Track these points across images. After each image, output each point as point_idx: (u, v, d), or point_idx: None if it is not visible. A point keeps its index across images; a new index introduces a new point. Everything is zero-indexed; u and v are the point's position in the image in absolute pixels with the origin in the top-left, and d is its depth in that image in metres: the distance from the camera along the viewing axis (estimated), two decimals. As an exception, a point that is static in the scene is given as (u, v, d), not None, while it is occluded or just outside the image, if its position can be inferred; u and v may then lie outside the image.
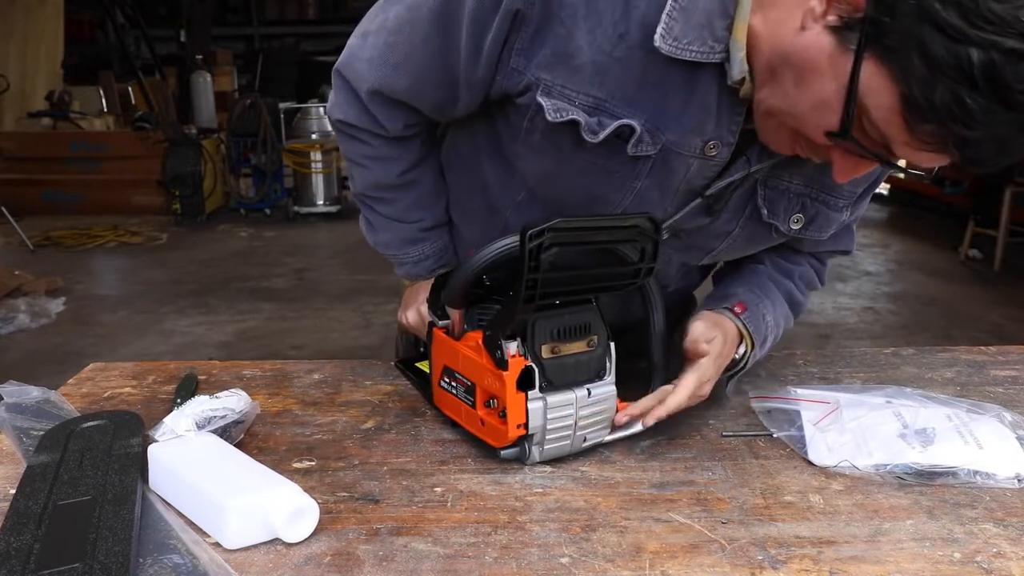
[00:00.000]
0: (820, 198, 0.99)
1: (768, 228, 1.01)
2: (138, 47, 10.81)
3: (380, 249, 1.18)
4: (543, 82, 0.89)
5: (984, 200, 5.48)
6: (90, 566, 0.68)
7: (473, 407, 0.92)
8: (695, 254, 1.07)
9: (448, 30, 0.93)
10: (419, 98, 1.02)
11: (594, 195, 0.97)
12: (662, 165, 0.92)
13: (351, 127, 1.07)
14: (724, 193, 0.96)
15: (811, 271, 1.18)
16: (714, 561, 0.73)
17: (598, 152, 0.92)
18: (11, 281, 4.80)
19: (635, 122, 0.88)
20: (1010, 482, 0.85)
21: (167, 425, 0.92)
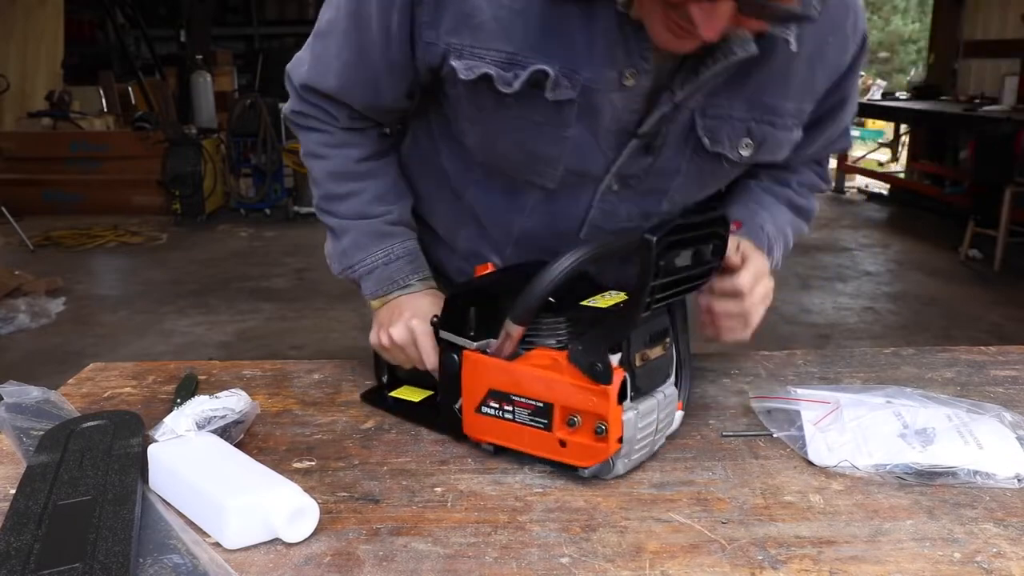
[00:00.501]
0: (765, 120, 0.99)
1: (717, 159, 1.01)
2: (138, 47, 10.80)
3: (341, 266, 1.12)
4: (453, 47, 0.93)
5: (984, 200, 5.48)
6: (90, 566, 0.68)
7: (546, 429, 0.86)
8: (652, 200, 1.06)
9: (361, 25, 0.98)
10: (349, 95, 1.05)
11: (531, 152, 0.99)
12: (587, 107, 0.94)
13: (305, 116, 1.10)
14: (658, 129, 0.97)
15: (810, 174, 1.18)
16: (714, 561, 0.73)
17: (521, 106, 0.94)
18: (11, 281, 4.79)
19: (548, 67, 0.91)
20: (1010, 482, 0.85)
21: (167, 425, 0.92)
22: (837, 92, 1.04)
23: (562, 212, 1.06)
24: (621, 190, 1.03)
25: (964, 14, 7.65)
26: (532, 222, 1.08)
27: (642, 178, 1.02)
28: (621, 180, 1.02)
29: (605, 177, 1.02)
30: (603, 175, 1.02)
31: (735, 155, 1.01)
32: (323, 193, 1.12)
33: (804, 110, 1.02)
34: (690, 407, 1.04)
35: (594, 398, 0.83)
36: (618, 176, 1.01)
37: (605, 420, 0.83)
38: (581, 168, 1.01)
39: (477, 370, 0.91)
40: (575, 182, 1.03)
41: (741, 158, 1.01)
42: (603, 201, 1.04)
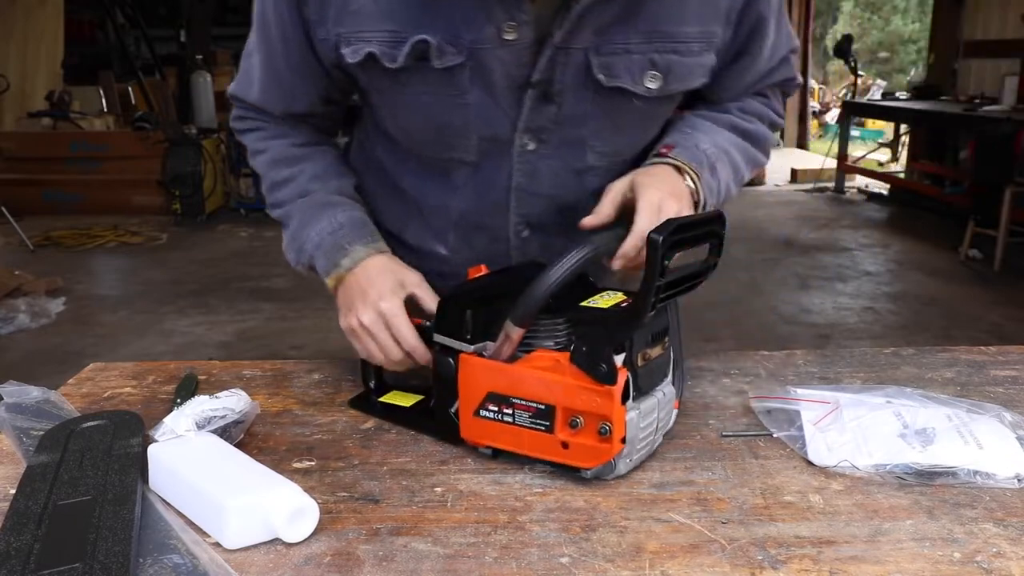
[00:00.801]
0: (668, 49, 0.98)
1: (622, 94, 0.99)
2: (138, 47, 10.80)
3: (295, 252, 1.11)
4: (341, 36, 0.97)
5: (984, 200, 5.48)
6: (90, 566, 0.68)
7: (548, 431, 0.86)
8: (573, 153, 1.05)
9: (266, 35, 1.04)
10: (270, 105, 1.11)
11: (439, 125, 1.01)
12: (478, 69, 0.96)
13: (242, 119, 1.15)
14: (551, 75, 0.97)
15: (753, 102, 1.16)
16: (714, 561, 0.73)
17: (415, 80, 0.97)
18: (11, 281, 4.80)
19: (429, 36, 0.93)
20: (1010, 482, 0.85)
21: (167, 425, 0.92)
22: (750, 11, 1.02)
23: (488, 183, 1.07)
24: (538, 147, 1.03)
25: (964, 14, 7.65)
26: (465, 200, 1.09)
27: (553, 130, 1.02)
28: (533, 136, 1.02)
29: (515, 136, 1.02)
30: (512, 135, 1.02)
31: (641, 88, 0.99)
32: (267, 185, 1.14)
33: (713, 32, 1.00)
34: (690, 407, 1.04)
35: (598, 399, 0.83)
36: (528, 132, 1.01)
37: (609, 421, 0.82)
38: (490, 132, 1.01)
39: (475, 373, 0.90)
40: (491, 149, 1.03)
41: (649, 91, 0.99)
42: (522, 162, 1.04)
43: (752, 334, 4.17)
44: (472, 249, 1.13)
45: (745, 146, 1.13)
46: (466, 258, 1.10)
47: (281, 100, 1.10)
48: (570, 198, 1.08)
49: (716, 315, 4.37)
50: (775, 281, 5.18)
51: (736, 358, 1.21)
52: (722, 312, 4.46)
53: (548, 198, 1.08)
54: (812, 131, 12.45)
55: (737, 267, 5.33)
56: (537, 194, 1.07)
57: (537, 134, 1.02)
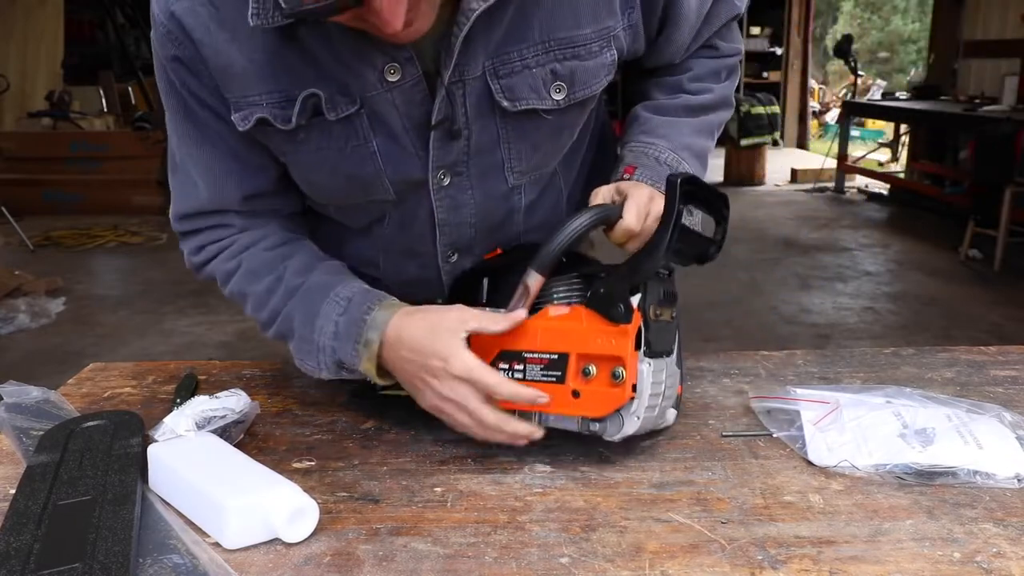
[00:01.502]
0: (567, 55, 0.93)
1: (532, 115, 0.95)
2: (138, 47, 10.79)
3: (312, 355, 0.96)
4: (231, 101, 0.93)
5: (984, 200, 5.47)
6: (90, 566, 0.68)
7: (559, 382, 0.86)
8: (494, 180, 1.01)
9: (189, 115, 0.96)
10: (224, 198, 1.01)
11: (349, 175, 0.97)
12: (375, 116, 0.92)
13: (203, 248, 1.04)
14: (450, 112, 0.92)
15: (704, 63, 1.11)
16: (714, 561, 0.73)
17: (313, 137, 0.93)
18: (11, 281, 4.79)
19: (319, 90, 0.90)
20: (1010, 482, 0.85)
21: (167, 425, 0.92)
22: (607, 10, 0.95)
23: (411, 217, 1.03)
24: (454, 179, 0.99)
25: (964, 14, 7.65)
26: (391, 233, 1.06)
27: (467, 162, 0.98)
28: (448, 171, 0.98)
29: (429, 175, 0.98)
30: (426, 174, 0.97)
31: (549, 103, 0.95)
32: (253, 302, 1.01)
33: (608, 27, 0.95)
34: (690, 407, 1.04)
35: (612, 339, 0.84)
36: (441, 169, 0.97)
37: (623, 362, 0.83)
38: (402, 176, 0.97)
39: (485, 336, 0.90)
40: (407, 189, 0.99)
41: (557, 104, 0.95)
42: (441, 197, 1.00)
43: (752, 334, 4.17)
44: (402, 274, 1.10)
45: (705, 121, 1.10)
46: (396, 282, 1.08)
47: (237, 185, 1.00)
48: (497, 219, 1.06)
49: (716, 315, 4.37)
50: (775, 281, 5.17)
51: (736, 358, 1.21)
52: (722, 312, 4.45)
53: (474, 225, 1.04)
54: (812, 131, 12.45)
55: (737, 267, 5.33)
56: (462, 223, 1.04)
57: (451, 169, 0.98)
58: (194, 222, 1.04)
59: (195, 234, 1.05)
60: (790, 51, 11.71)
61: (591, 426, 0.87)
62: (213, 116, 0.96)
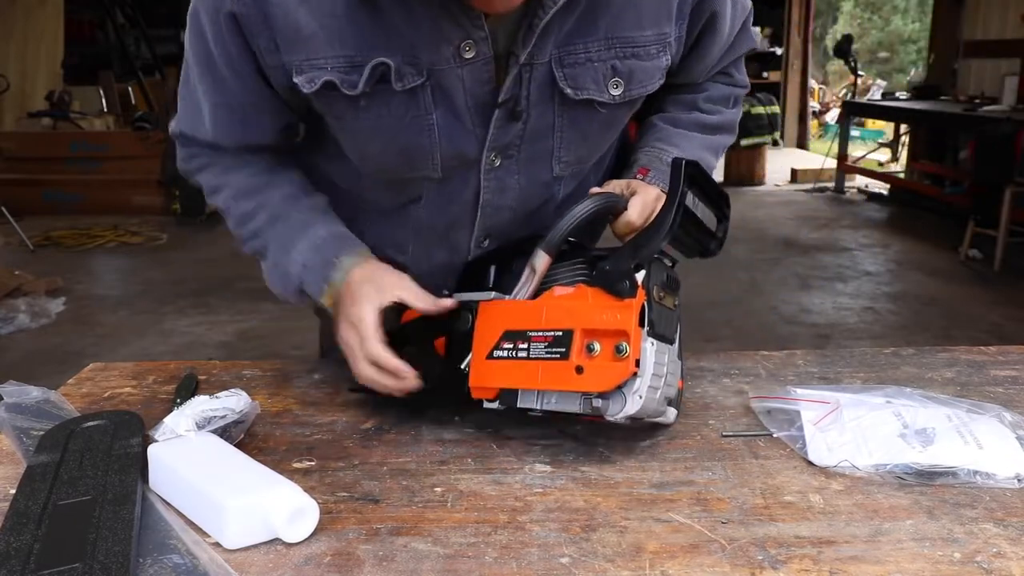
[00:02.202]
0: (627, 54, 0.98)
1: (588, 105, 1.00)
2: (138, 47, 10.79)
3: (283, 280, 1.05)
4: (292, 64, 0.94)
5: (984, 200, 5.48)
6: (90, 566, 0.68)
7: (563, 358, 0.86)
8: (541, 166, 1.05)
9: (211, 68, 0.99)
10: (225, 139, 1.06)
11: (404, 148, 0.99)
12: (439, 89, 0.95)
13: (195, 158, 1.10)
14: (517, 92, 0.96)
15: (719, 86, 1.18)
16: (714, 561, 0.73)
17: (376, 105, 0.95)
18: (11, 281, 4.79)
19: (388, 59, 0.92)
20: (1010, 482, 0.85)
21: (167, 425, 0.92)
22: (703, 7, 1.03)
23: (454, 197, 1.05)
24: (504, 162, 1.02)
25: (964, 14, 7.65)
26: (429, 214, 1.08)
27: (520, 145, 1.01)
28: (500, 153, 1.01)
29: (483, 155, 1.01)
30: (480, 153, 1.00)
31: (606, 96, 1.00)
32: (235, 220, 1.09)
33: (666, 33, 1.00)
34: (690, 407, 1.04)
35: (617, 314, 0.85)
36: (495, 150, 1.01)
37: (626, 335, 0.83)
38: (456, 151, 1.00)
39: (493, 315, 0.93)
40: (457, 168, 1.02)
41: (613, 98, 1.00)
42: (489, 179, 1.03)
43: (752, 334, 4.17)
44: (430, 259, 1.12)
45: (714, 140, 1.16)
46: (423, 267, 1.10)
47: (237, 134, 1.05)
48: (533, 208, 1.09)
49: (716, 315, 4.37)
50: (775, 281, 5.17)
51: (736, 358, 1.21)
52: (722, 312, 4.46)
53: (513, 210, 1.08)
54: (812, 131, 12.45)
55: (737, 267, 5.33)
56: (504, 207, 1.07)
57: (504, 150, 1.01)
58: (190, 140, 1.09)
59: (190, 147, 1.10)
60: (790, 51, 11.71)
61: (593, 402, 0.86)
62: (232, 72, 0.98)
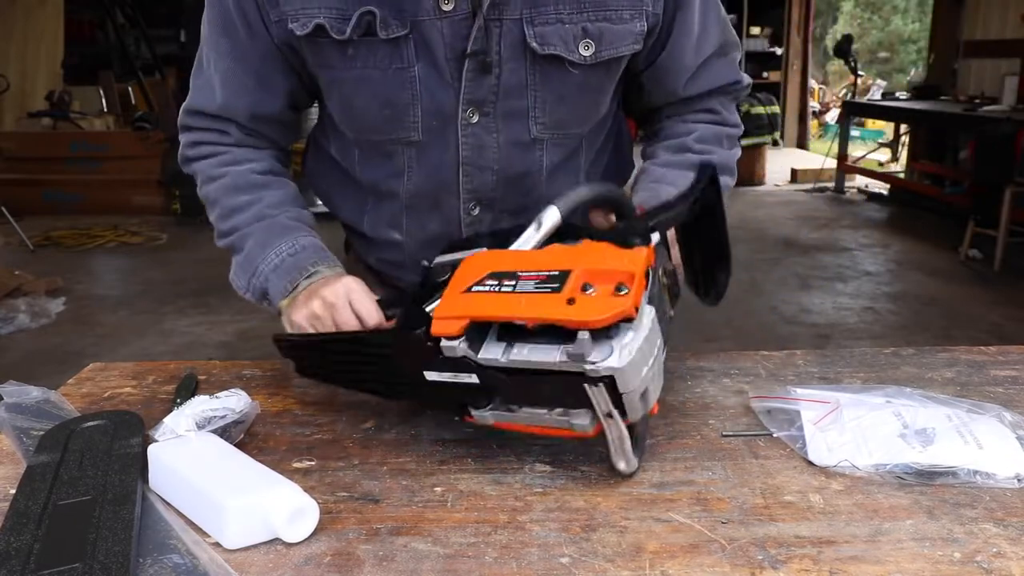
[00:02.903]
0: (598, 16, 1.03)
1: (558, 62, 1.04)
2: (138, 47, 10.78)
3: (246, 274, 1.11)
4: (288, 14, 1.01)
5: (984, 200, 5.48)
6: (90, 566, 0.68)
7: (555, 291, 0.77)
8: (518, 125, 1.08)
9: (229, 29, 1.06)
10: (234, 107, 1.11)
11: (386, 100, 1.05)
12: (421, 41, 1.01)
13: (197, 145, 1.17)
14: (487, 45, 1.01)
15: (708, 128, 1.20)
16: (714, 561, 0.73)
17: (362, 54, 1.02)
18: (11, 281, 4.80)
19: (374, 8, 0.98)
20: (1010, 482, 0.85)
21: (167, 425, 0.92)
22: None
23: (436, 161, 1.10)
24: (481, 119, 1.06)
25: (964, 14, 7.65)
26: (414, 182, 1.12)
27: (495, 101, 1.05)
28: (476, 108, 1.05)
29: (459, 110, 1.05)
30: (456, 108, 1.05)
31: (576, 56, 1.03)
32: (221, 212, 1.13)
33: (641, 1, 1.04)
34: (690, 407, 1.04)
35: (625, 258, 0.78)
36: (471, 104, 1.05)
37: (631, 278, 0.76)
38: (435, 105, 1.05)
39: (478, 262, 0.84)
40: (436, 126, 1.07)
41: (584, 59, 1.04)
42: (467, 136, 1.07)
43: (752, 334, 4.17)
44: (425, 231, 1.16)
45: None
46: (419, 242, 1.15)
47: (249, 101, 1.10)
48: (518, 171, 1.12)
49: (716, 315, 4.37)
50: (775, 281, 5.17)
51: (736, 358, 1.21)
52: (722, 312, 4.45)
53: (496, 172, 1.11)
54: (812, 131, 12.45)
55: (737, 267, 5.28)
56: (485, 168, 1.10)
57: (480, 106, 1.05)
58: (199, 120, 1.14)
59: (196, 131, 1.15)
60: (790, 51, 11.71)
61: (578, 337, 0.74)
62: (249, 34, 1.05)
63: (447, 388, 0.85)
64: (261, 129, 1.14)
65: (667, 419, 1.01)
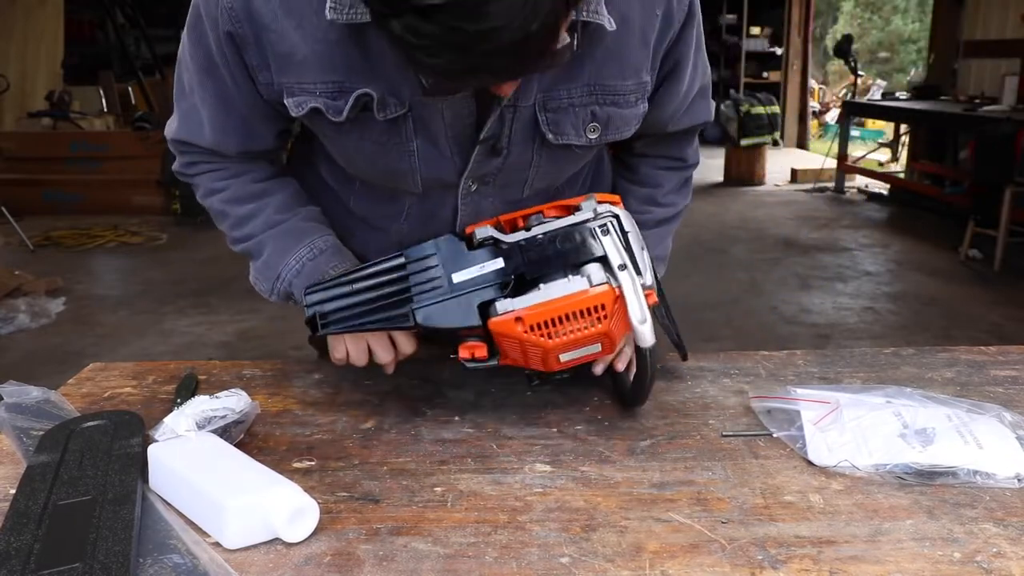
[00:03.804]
0: (607, 101, 1.02)
1: (566, 148, 1.05)
2: (138, 47, 10.79)
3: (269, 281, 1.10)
4: (284, 85, 0.98)
5: (984, 200, 5.47)
6: (90, 566, 0.68)
7: None
8: (513, 190, 1.10)
9: (212, 75, 1.01)
10: (224, 145, 1.08)
11: (385, 168, 1.04)
12: (420, 121, 0.99)
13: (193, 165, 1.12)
14: (499, 130, 1.00)
15: (672, 177, 1.23)
16: (714, 561, 0.73)
17: (359, 129, 0.99)
18: (11, 281, 4.79)
19: (371, 90, 0.95)
20: (1010, 482, 0.85)
21: (167, 425, 0.92)
22: (672, 53, 1.05)
23: (433, 213, 1.11)
24: (480, 187, 1.08)
25: (964, 14, 7.65)
26: (409, 226, 1.14)
27: (497, 175, 1.07)
28: (478, 180, 1.06)
29: (461, 181, 1.06)
30: (458, 180, 1.06)
31: (583, 140, 1.04)
32: (230, 222, 1.13)
33: (645, 82, 1.04)
34: (690, 407, 1.04)
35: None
36: (473, 178, 1.06)
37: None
38: (435, 176, 1.05)
39: None
40: (436, 187, 1.07)
41: (590, 142, 1.05)
42: (466, 202, 1.09)
43: (752, 334, 4.17)
44: None
45: (670, 228, 1.25)
46: None
47: (238, 141, 1.08)
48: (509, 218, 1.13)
49: (716, 315, 4.37)
50: (775, 281, 5.17)
51: (736, 358, 1.21)
52: (722, 312, 4.46)
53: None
54: (812, 131, 12.44)
55: (737, 267, 5.33)
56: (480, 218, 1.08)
57: (482, 179, 1.06)
58: (190, 147, 1.11)
59: (189, 154, 1.12)
60: (790, 51, 11.71)
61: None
62: (233, 82, 1.01)
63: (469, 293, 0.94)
64: (255, 156, 1.12)
65: (667, 419, 1.01)
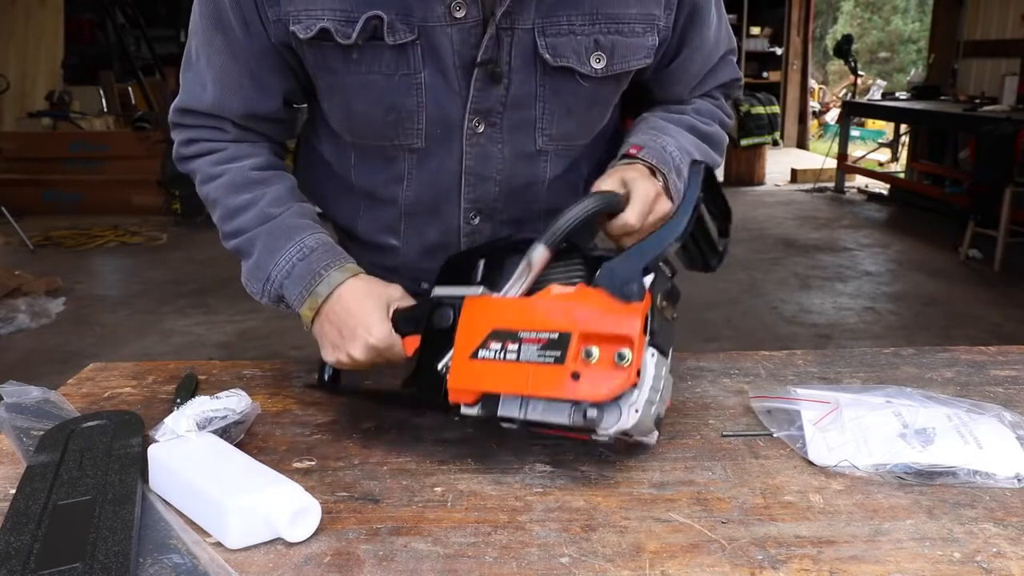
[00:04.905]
0: (611, 30, 1.01)
1: (568, 75, 1.02)
2: (138, 47, 10.79)
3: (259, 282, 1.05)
4: (290, 14, 0.97)
5: (984, 200, 5.48)
6: (90, 566, 0.68)
7: (558, 362, 0.80)
8: (524, 136, 1.06)
9: (223, 27, 1.01)
10: (228, 105, 1.06)
11: (390, 106, 1.01)
12: (429, 48, 0.98)
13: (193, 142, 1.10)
14: (498, 55, 0.99)
15: (707, 104, 1.19)
16: (714, 561, 0.73)
17: (368, 59, 0.98)
18: (11, 281, 4.80)
19: (381, 12, 0.94)
20: (1010, 482, 0.85)
21: (167, 425, 0.92)
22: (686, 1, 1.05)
23: (438, 169, 1.07)
24: (487, 129, 1.04)
25: (964, 14, 7.65)
26: (414, 189, 1.10)
27: (502, 112, 1.03)
28: (482, 118, 1.03)
29: (465, 119, 1.03)
30: (462, 117, 1.03)
31: (587, 68, 1.02)
32: (223, 213, 1.08)
33: (653, 15, 1.03)
34: (690, 407, 1.04)
35: (622, 319, 0.79)
36: (477, 113, 1.03)
37: (630, 342, 0.78)
38: (440, 113, 1.02)
39: (480, 312, 0.86)
40: (440, 134, 1.04)
41: (595, 71, 1.02)
42: (472, 146, 1.05)
43: (752, 334, 4.17)
44: (423, 239, 1.14)
45: (705, 148, 1.14)
46: (416, 249, 1.14)
47: (244, 101, 1.05)
48: (521, 183, 1.10)
49: (716, 315, 4.38)
50: (775, 281, 5.17)
51: (736, 358, 1.21)
52: (722, 312, 4.46)
53: (499, 183, 1.09)
54: (812, 131, 12.45)
55: (737, 267, 5.33)
56: (488, 178, 1.08)
57: (486, 116, 1.03)
58: (191, 118, 1.09)
59: (189, 128, 1.10)
60: (790, 51, 11.71)
61: (588, 412, 0.79)
62: (244, 32, 1.00)
63: None
64: (256, 127, 1.10)
65: (667, 419, 1.01)
